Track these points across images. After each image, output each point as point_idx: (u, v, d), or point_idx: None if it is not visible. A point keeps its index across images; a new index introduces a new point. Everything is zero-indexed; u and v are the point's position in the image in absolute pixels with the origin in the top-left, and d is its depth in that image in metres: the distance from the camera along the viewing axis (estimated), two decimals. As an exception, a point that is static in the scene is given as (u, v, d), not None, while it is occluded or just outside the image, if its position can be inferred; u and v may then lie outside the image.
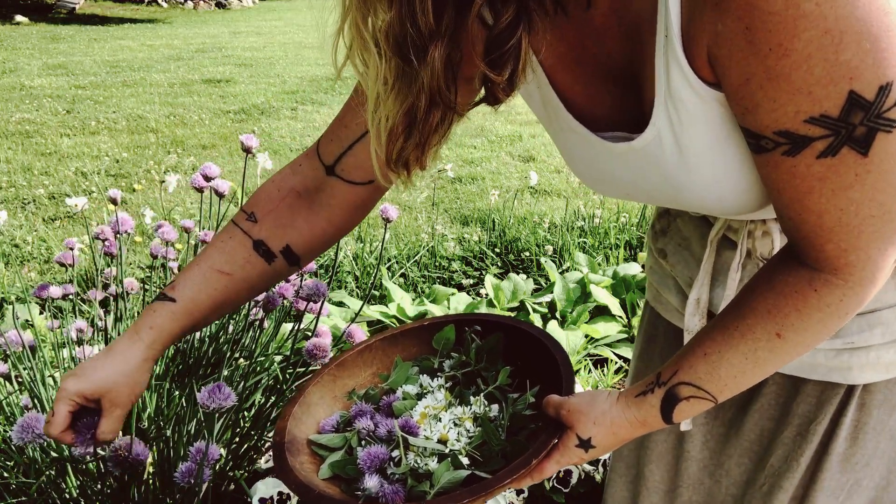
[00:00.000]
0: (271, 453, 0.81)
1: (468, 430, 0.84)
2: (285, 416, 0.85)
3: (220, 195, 1.53)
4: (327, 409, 0.91)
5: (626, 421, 0.74)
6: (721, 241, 0.88)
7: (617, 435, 0.75)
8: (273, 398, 1.55)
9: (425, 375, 0.95)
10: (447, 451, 0.81)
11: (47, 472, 1.30)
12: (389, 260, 3.06)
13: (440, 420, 0.86)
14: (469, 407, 0.88)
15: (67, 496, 1.29)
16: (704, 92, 0.60)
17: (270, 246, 0.87)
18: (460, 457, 0.80)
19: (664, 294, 0.99)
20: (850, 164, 0.56)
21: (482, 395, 0.90)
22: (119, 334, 1.59)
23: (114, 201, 1.57)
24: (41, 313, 2.33)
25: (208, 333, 1.66)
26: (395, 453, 0.82)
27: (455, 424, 0.85)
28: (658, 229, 1.01)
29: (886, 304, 0.78)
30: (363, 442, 0.85)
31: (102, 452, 1.00)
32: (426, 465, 0.80)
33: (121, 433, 0.93)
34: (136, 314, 1.88)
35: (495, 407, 0.88)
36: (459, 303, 2.58)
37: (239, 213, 0.91)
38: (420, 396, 0.91)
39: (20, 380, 1.50)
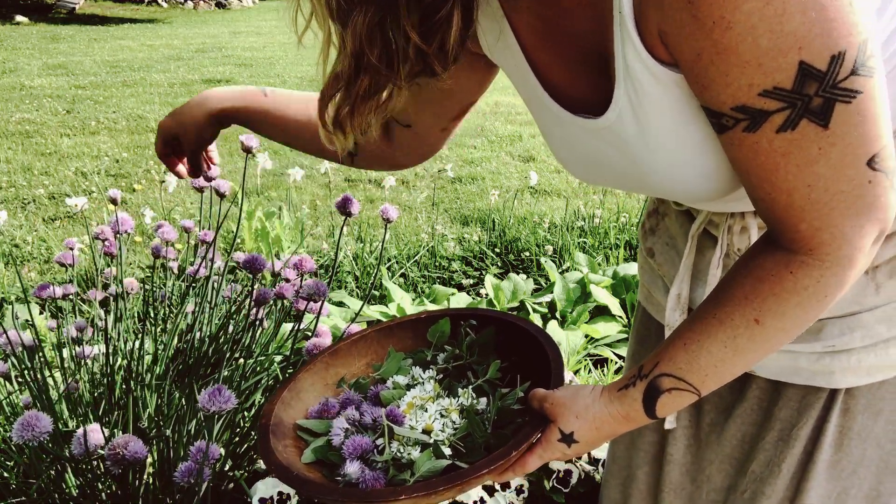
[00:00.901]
0: (257, 433, 0.82)
1: (454, 422, 0.84)
2: (273, 400, 0.86)
3: (221, 195, 1.53)
4: (318, 396, 0.91)
5: (609, 415, 0.73)
6: (703, 237, 0.88)
7: (600, 430, 0.74)
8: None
9: (417, 367, 0.95)
10: (430, 441, 0.81)
11: (47, 473, 1.30)
12: (389, 260, 3.06)
13: (426, 410, 0.86)
14: (457, 399, 0.88)
15: (67, 496, 1.29)
16: (660, 72, 0.60)
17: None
18: (443, 447, 0.80)
19: (654, 293, 0.99)
20: (811, 137, 0.55)
21: (470, 387, 0.90)
22: (119, 334, 1.59)
23: (114, 201, 1.57)
24: (41, 313, 2.33)
25: (208, 333, 1.66)
26: (380, 442, 0.83)
27: (441, 415, 0.85)
28: (647, 228, 1.01)
29: (866, 307, 0.77)
30: (347, 430, 0.85)
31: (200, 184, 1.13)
32: (409, 454, 0.81)
33: (120, 433, 0.93)
34: (136, 314, 1.88)
35: (484, 400, 0.88)
36: (459, 303, 2.59)
37: None
38: (410, 387, 0.92)
39: (20, 380, 1.50)
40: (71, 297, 1.56)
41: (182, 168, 1.08)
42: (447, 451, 0.80)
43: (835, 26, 0.51)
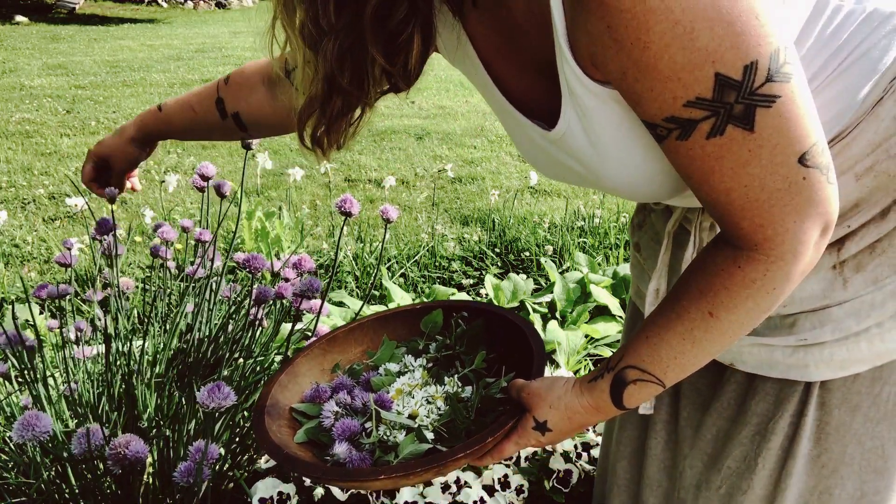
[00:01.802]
0: (252, 414, 0.88)
1: (438, 409, 0.88)
2: (271, 383, 0.91)
3: (222, 195, 1.53)
4: (314, 380, 0.96)
5: (581, 406, 0.77)
6: (681, 233, 0.90)
7: (572, 420, 0.77)
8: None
9: (409, 356, 0.99)
10: (415, 425, 0.85)
11: (47, 472, 1.30)
12: (389, 260, 3.06)
13: (413, 397, 0.90)
14: (443, 386, 0.92)
15: (67, 496, 1.29)
16: (597, 90, 0.63)
17: (226, 106, 1.06)
18: (426, 431, 0.84)
19: (642, 288, 1.01)
20: (739, 141, 0.58)
21: (456, 376, 0.94)
22: (116, 333, 1.59)
23: (111, 200, 1.57)
24: (41, 313, 2.33)
25: (208, 333, 1.66)
26: (368, 425, 0.87)
27: (427, 402, 0.89)
28: (636, 223, 1.04)
29: (836, 302, 0.79)
30: (337, 413, 0.89)
31: (113, 204, 1.24)
32: (394, 437, 0.84)
33: (120, 432, 0.94)
34: (136, 314, 1.88)
35: (469, 388, 0.91)
36: (459, 303, 2.58)
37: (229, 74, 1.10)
38: (400, 374, 0.96)
39: (20, 380, 1.50)
40: (70, 297, 1.56)
41: (110, 189, 1.22)
42: (430, 435, 0.84)
43: (743, 39, 0.54)
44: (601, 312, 2.57)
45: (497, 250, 3.20)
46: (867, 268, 0.77)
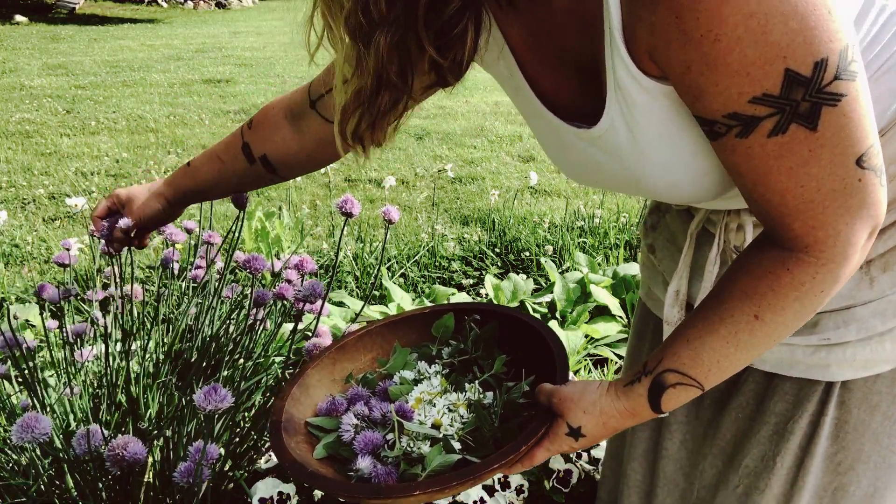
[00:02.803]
0: (268, 433, 0.84)
1: (462, 416, 0.85)
2: (283, 396, 0.87)
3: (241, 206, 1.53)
4: (325, 392, 0.92)
5: (616, 411, 0.75)
6: (702, 234, 0.89)
7: (607, 425, 0.76)
8: (273, 398, 1.54)
9: (423, 362, 0.96)
10: (440, 435, 0.82)
11: (47, 472, 1.30)
12: (389, 260, 3.06)
13: (434, 405, 0.87)
14: (464, 393, 0.89)
15: (67, 496, 1.29)
16: (650, 85, 0.62)
17: (253, 150, 1.03)
18: (452, 441, 0.81)
19: (654, 289, 1.00)
20: (801, 140, 0.57)
21: (477, 382, 0.90)
22: (117, 333, 1.59)
23: (107, 239, 1.57)
24: (41, 313, 2.33)
25: (208, 333, 1.66)
26: (389, 437, 0.84)
27: (449, 410, 0.86)
28: (649, 225, 1.02)
29: (861, 301, 0.78)
30: (357, 426, 0.86)
31: (112, 252, 1.19)
32: (419, 448, 0.82)
33: (119, 434, 0.93)
34: (136, 314, 1.88)
35: (490, 394, 0.88)
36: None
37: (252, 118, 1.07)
38: (417, 382, 0.92)
39: (20, 380, 1.50)
40: (70, 297, 1.56)
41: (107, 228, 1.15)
42: (456, 445, 0.81)
43: (816, 34, 0.53)
44: (601, 312, 2.57)
45: (497, 250, 3.20)
46: (894, 267, 0.76)
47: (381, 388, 0.92)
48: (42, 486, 1.26)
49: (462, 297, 2.65)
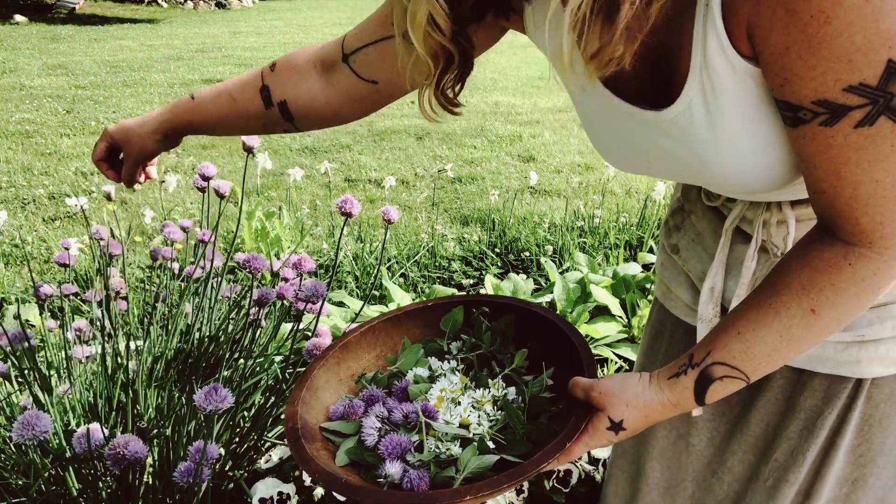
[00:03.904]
0: (286, 440, 0.78)
1: (488, 414, 0.82)
2: (295, 402, 0.83)
3: (221, 196, 1.53)
4: (333, 393, 0.89)
5: (660, 403, 0.74)
6: (735, 233, 0.89)
7: (648, 417, 0.75)
8: (273, 398, 1.55)
9: (433, 358, 0.93)
10: (470, 435, 0.79)
11: (47, 473, 1.30)
12: (389, 260, 3.06)
13: (458, 404, 0.83)
14: (487, 390, 0.86)
15: (67, 496, 1.29)
16: (739, 65, 0.61)
17: (272, 94, 0.98)
18: (486, 441, 0.79)
19: (675, 290, 0.99)
20: (886, 133, 0.56)
21: (500, 377, 0.88)
22: (117, 332, 1.59)
23: (108, 197, 1.57)
24: (41, 313, 2.33)
25: (208, 333, 1.66)
26: (415, 438, 0.80)
27: (473, 408, 0.83)
28: (672, 225, 1.01)
29: None
30: (380, 429, 0.82)
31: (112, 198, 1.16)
32: (447, 450, 0.78)
33: (119, 433, 0.93)
34: (134, 314, 1.88)
35: (512, 390, 0.86)
36: (459, 303, 2.58)
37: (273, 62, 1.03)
38: (432, 380, 0.89)
39: (20, 380, 1.50)
40: (70, 297, 1.56)
41: (113, 173, 1.12)
42: (490, 444, 0.78)
43: None
44: (601, 312, 2.57)
45: (497, 250, 3.20)
46: None
47: (399, 388, 0.88)
48: (42, 486, 1.26)
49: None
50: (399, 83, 0.89)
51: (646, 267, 2.94)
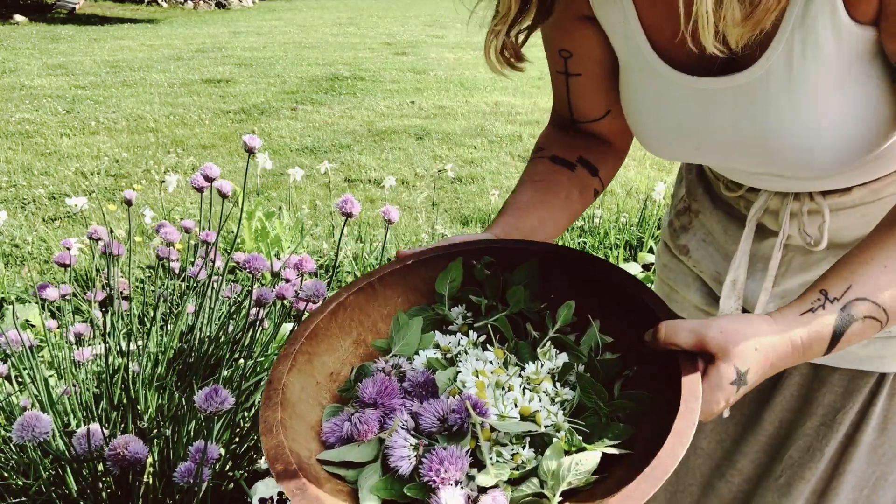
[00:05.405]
0: (284, 491, 0.56)
1: (548, 394, 0.63)
2: (273, 429, 0.59)
3: (224, 196, 1.53)
4: (314, 406, 0.65)
5: (790, 344, 0.60)
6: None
7: (774, 365, 0.60)
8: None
9: (437, 332, 0.72)
10: (541, 429, 0.59)
11: (47, 473, 1.30)
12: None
13: (505, 388, 0.63)
14: (538, 362, 0.65)
15: (67, 496, 1.29)
16: (846, 30, 0.60)
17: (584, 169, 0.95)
18: (573, 434, 0.59)
19: (681, 291, 0.99)
20: None
21: (548, 342, 0.67)
22: (115, 333, 1.59)
23: (128, 202, 1.57)
24: (41, 313, 2.33)
25: (208, 334, 1.66)
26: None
27: (525, 390, 0.63)
28: (678, 227, 1.01)
29: None
30: (416, 447, 0.58)
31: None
32: (514, 455, 0.58)
33: (119, 433, 0.93)
34: (136, 314, 1.88)
35: (562, 356, 0.66)
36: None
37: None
38: (450, 362, 0.68)
39: (20, 380, 1.50)
40: (69, 297, 1.56)
41: None
42: (577, 437, 0.59)
43: None
44: (601, 312, 2.57)
45: (497, 250, 3.20)
46: None
47: (416, 382, 0.65)
48: (42, 486, 1.26)
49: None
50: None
51: (646, 267, 2.94)
